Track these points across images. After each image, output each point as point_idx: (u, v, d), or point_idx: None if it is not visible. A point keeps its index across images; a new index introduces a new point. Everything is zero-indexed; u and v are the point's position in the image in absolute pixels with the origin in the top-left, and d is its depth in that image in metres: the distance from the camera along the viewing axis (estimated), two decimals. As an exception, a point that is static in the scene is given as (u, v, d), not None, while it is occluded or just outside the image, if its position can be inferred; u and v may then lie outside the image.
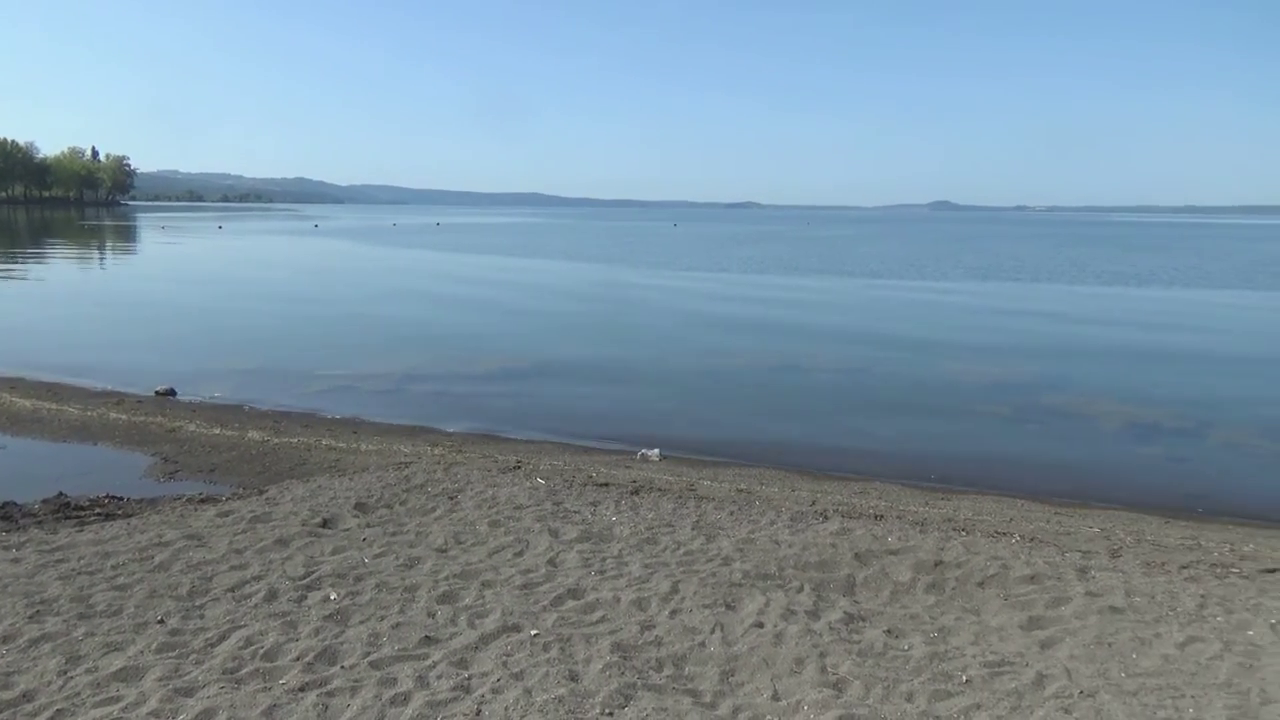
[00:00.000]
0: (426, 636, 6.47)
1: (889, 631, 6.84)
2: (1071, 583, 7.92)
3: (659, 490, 10.74)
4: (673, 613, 7.01)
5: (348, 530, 8.82)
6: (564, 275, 47.79)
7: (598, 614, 6.94)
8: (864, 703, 5.74)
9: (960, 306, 34.75)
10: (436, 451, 12.56)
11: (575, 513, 9.57)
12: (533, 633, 6.57)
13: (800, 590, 7.59)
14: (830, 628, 6.85)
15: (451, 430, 14.39)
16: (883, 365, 21.00)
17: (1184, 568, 8.53)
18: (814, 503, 10.47)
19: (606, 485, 10.84)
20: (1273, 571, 8.52)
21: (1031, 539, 9.31)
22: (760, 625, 6.84)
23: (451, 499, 9.94)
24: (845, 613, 7.16)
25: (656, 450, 13.05)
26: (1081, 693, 5.94)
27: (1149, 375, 20.35)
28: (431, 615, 6.84)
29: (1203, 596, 7.71)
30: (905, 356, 22.22)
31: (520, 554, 8.25)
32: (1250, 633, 6.97)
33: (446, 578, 7.58)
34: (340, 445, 12.79)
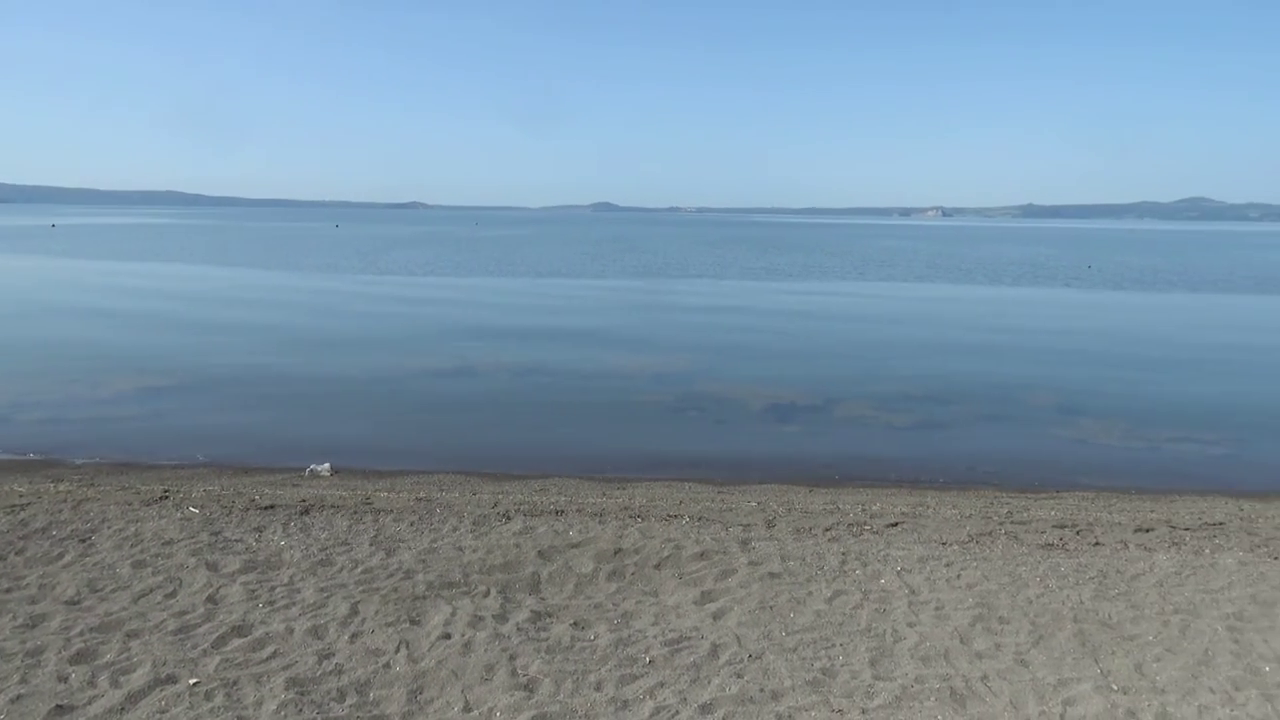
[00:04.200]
0: (58, 705, 5.56)
1: (575, 624, 6.97)
2: (736, 555, 8.58)
3: (332, 507, 10.13)
4: (353, 636, 6.62)
5: (-56, 593, 7.36)
6: (207, 283, 43.67)
7: (268, 649, 6.38)
8: (555, 699, 5.79)
9: (624, 303, 36.51)
10: (61, 488, 10.89)
11: (237, 541, 8.75)
12: (192, 681, 5.88)
13: (487, 595, 7.51)
14: (518, 628, 6.84)
15: (80, 462, 12.58)
16: (552, 363, 21.48)
17: (827, 530, 9.58)
18: (496, 504, 10.43)
19: (272, 507, 10.03)
20: (896, 525, 9.83)
21: (700, 518, 9.96)
22: (448, 636, 6.66)
23: (83, 541, 8.66)
24: (532, 611, 7.19)
25: (327, 464, 12.32)
26: (750, 656, 6.44)
27: (784, 360, 22.68)
28: (63, 679, 5.89)
29: (844, 554, 8.69)
30: (572, 354, 22.91)
31: (173, 595, 7.37)
32: (882, 581, 7.97)
33: (81, 633, 6.57)
34: (-70, 491, 10.67)
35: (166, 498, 10.43)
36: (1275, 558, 8.95)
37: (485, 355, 22.28)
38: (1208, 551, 9.12)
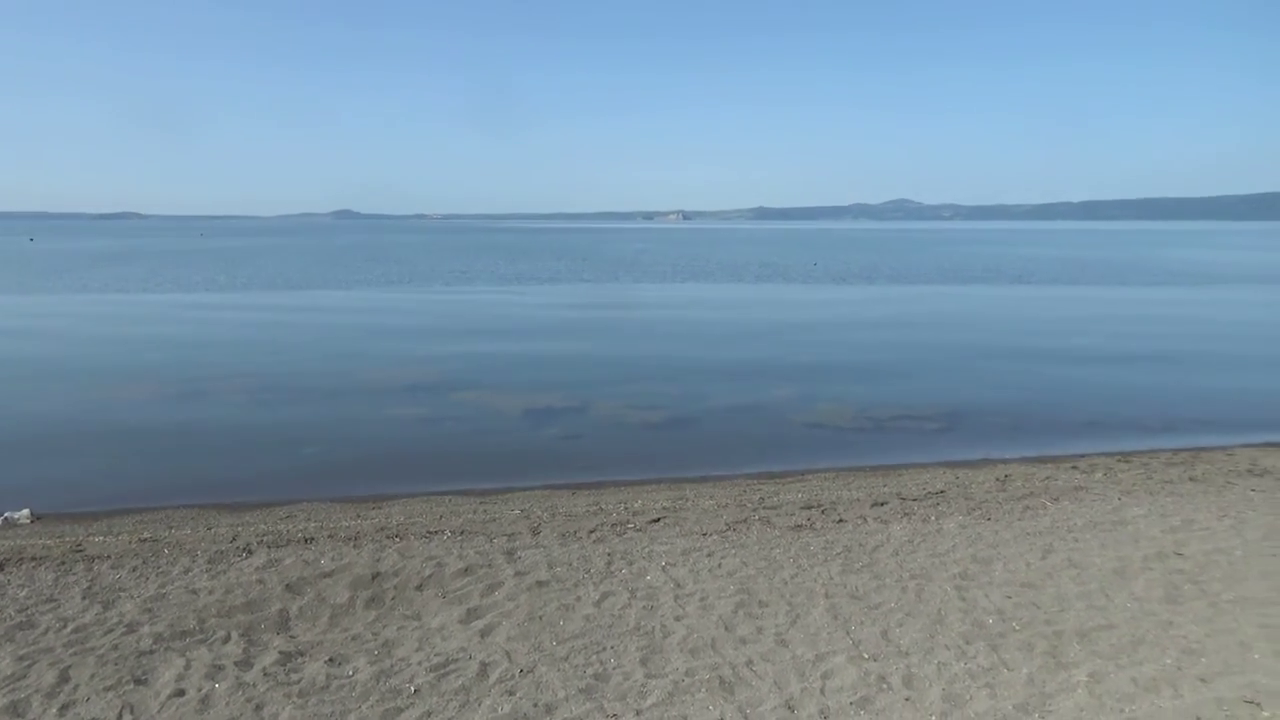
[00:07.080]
0: None
1: (330, 660, 6.44)
2: (502, 567, 8.33)
3: (34, 559, 8.81)
4: (63, 708, 5.74)
5: None
6: None
7: (-49, 738, 5.38)
8: (311, 747, 5.30)
9: (368, 314, 35.04)
10: None
11: (-93, 612, 7.37)
12: None
13: (227, 640, 6.79)
14: (265, 674, 6.22)
15: None
16: (290, 381, 20.12)
17: (592, 532, 9.55)
18: (235, 538, 9.52)
19: (-46, 567, 8.57)
20: (658, 521, 9.98)
21: (462, 532, 9.61)
22: (181, 693, 5.93)
23: None
24: (281, 652, 6.57)
25: (26, 510, 10.74)
26: (521, 671, 6.23)
27: (538, 365, 22.63)
28: None
29: (610, 554, 8.68)
30: (312, 370, 21.59)
31: None
32: (649, 578, 8.03)
33: None
34: None
35: None
36: (988, 519, 9.96)
37: (212, 377, 20.45)
38: (934, 519, 9.99)
